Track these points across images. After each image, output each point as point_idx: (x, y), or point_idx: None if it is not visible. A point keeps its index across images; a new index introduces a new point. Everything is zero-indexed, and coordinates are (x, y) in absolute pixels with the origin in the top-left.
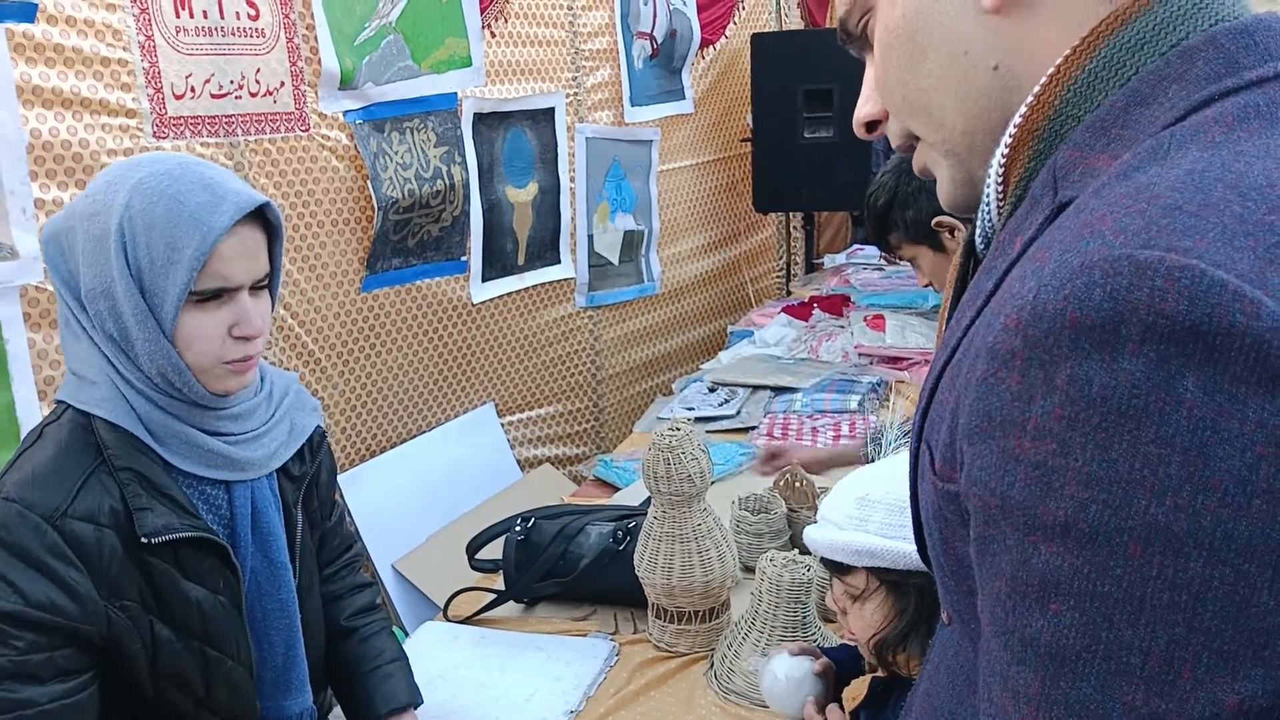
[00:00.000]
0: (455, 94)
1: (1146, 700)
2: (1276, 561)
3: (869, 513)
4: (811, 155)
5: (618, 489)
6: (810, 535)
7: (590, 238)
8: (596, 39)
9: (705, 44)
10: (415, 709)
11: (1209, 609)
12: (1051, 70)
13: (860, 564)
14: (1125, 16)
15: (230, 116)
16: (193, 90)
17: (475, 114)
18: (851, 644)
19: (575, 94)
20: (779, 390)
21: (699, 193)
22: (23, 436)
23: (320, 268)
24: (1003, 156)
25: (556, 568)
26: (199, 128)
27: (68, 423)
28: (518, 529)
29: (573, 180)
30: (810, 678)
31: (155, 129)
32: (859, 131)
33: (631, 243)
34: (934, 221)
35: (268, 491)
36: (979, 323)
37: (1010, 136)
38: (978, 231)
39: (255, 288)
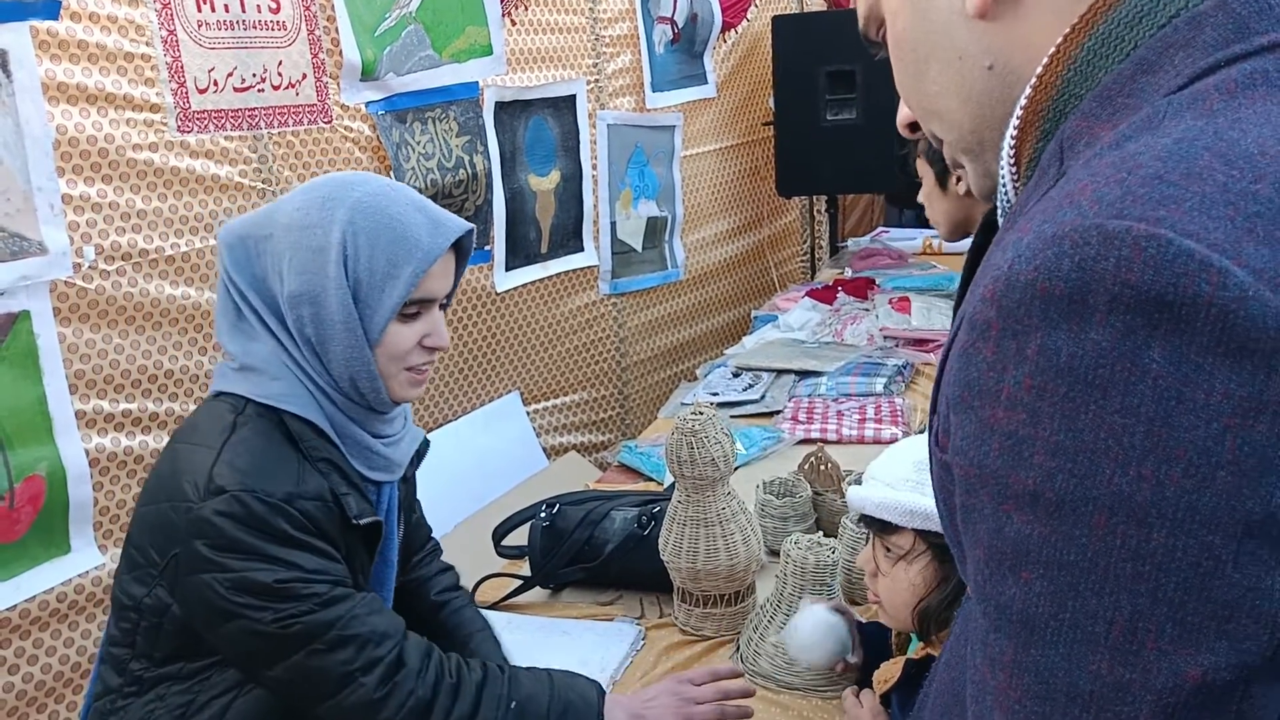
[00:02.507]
0: (476, 83)
1: (1111, 669)
2: (1241, 534)
3: (927, 477)
4: (834, 138)
5: (642, 474)
6: (859, 493)
7: (613, 225)
8: (617, 25)
9: (727, 27)
10: None
11: (1172, 580)
12: (1052, 51)
13: (913, 525)
14: None
15: (253, 110)
16: (215, 84)
17: (497, 102)
18: (877, 623)
19: (596, 80)
20: (804, 374)
21: (722, 178)
22: (42, 426)
23: None
24: (1012, 139)
25: (582, 553)
26: (223, 121)
27: (256, 415)
28: (543, 515)
29: (595, 167)
30: (839, 625)
31: (179, 123)
32: (904, 132)
33: (655, 229)
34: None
35: (395, 492)
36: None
37: (1017, 119)
38: (998, 211)
39: (440, 304)
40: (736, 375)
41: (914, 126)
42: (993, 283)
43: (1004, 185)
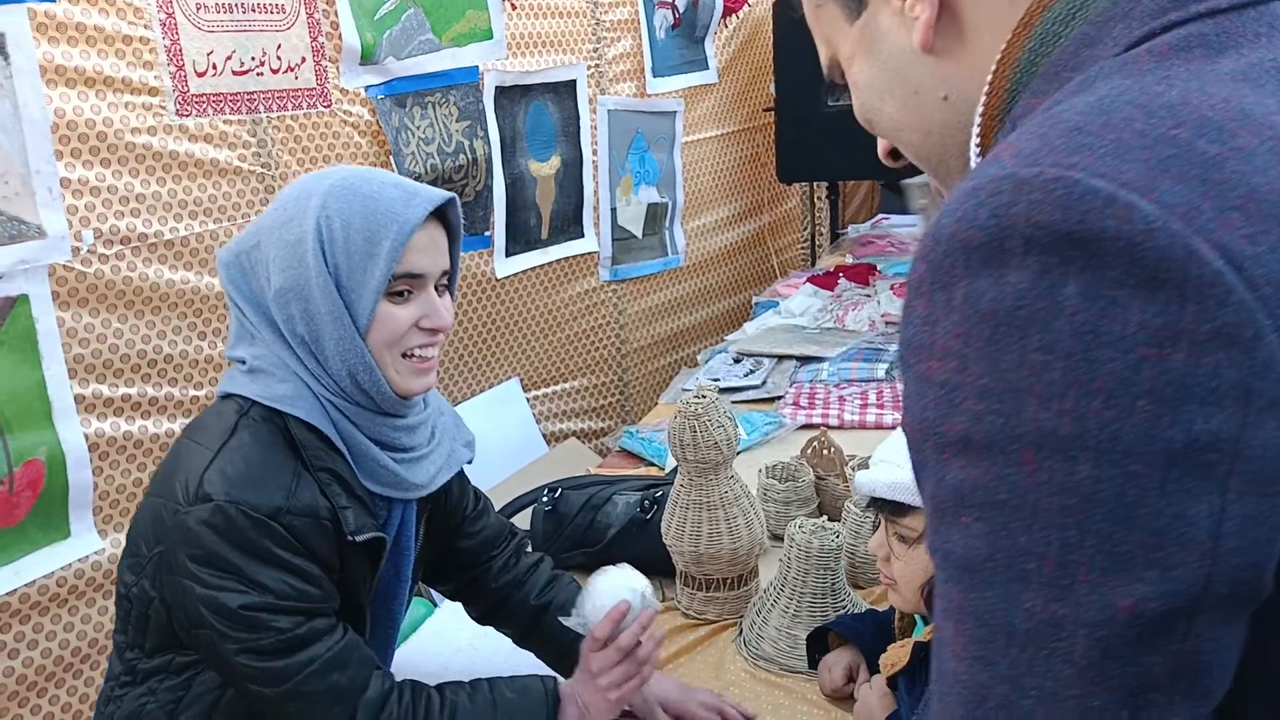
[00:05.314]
0: (476, 67)
1: (1045, 605)
2: (1164, 462)
3: None
4: (835, 124)
5: (643, 459)
6: (868, 476)
7: (614, 211)
8: (617, 9)
9: (728, 12)
10: None
11: (1099, 511)
12: (998, 57)
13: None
14: None
15: (252, 93)
16: (214, 67)
17: (497, 87)
18: (878, 610)
19: (597, 65)
20: (805, 360)
21: (723, 164)
22: (41, 411)
23: None
24: (977, 146)
25: (584, 537)
26: (221, 105)
27: (260, 420)
28: (545, 499)
29: (595, 153)
30: (636, 579)
31: (178, 107)
32: (886, 161)
33: (655, 215)
34: None
35: (413, 508)
36: None
37: (978, 126)
38: None
39: (438, 286)
40: (738, 361)
41: (895, 154)
42: (923, 241)
43: None
